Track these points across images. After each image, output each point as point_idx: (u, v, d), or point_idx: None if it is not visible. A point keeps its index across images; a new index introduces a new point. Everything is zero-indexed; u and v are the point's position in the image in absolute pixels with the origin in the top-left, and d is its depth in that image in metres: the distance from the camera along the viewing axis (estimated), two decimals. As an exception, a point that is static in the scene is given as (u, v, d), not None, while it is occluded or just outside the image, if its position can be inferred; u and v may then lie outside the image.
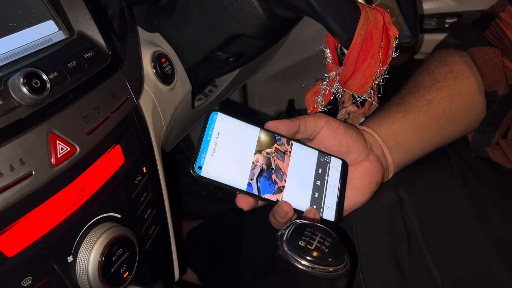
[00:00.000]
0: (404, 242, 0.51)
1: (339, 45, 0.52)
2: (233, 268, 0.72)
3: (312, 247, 0.37)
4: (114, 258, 0.43)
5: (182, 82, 0.62)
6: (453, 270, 0.49)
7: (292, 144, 0.49)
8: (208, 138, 0.45)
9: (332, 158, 0.51)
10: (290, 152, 0.49)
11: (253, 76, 1.14)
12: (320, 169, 0.50)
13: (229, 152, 0.46)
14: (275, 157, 0.48)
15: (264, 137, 0.48)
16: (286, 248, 0.37)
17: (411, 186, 0.55)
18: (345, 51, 0.50)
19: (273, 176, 0.47)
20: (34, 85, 0.35)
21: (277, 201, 0.46)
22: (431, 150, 0.57)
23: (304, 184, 0.48)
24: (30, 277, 0.37)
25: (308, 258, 0.37)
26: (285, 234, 0.38)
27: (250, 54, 0.67)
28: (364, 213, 0.52)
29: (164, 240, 0.55)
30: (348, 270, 0.37)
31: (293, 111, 1.25)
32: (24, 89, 0.35)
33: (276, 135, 0.49)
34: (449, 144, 0.60)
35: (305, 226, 0.39)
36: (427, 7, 0.98)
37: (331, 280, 0.37)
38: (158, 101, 0.56)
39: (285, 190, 0.47)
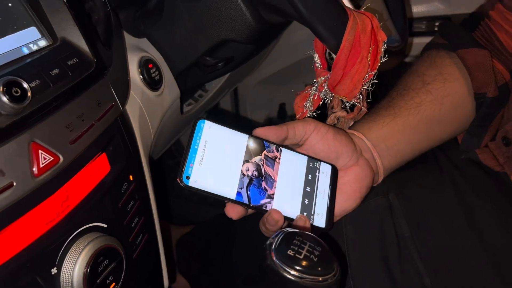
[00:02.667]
0: (395, 248, 0.50)
1: (328, 50, 0.51)
2: (225, 275, 0.71)
3: (301, 256, 0.36)
4: (99, 269, 0.42)
5: (170, 88, 0.62)
6: (444, 276, 0.49)
7: (281, 150, 0.48)
8: (196, 147, 0.44)
9: (322, 163, 0.50)
10: (279, 158, 0.48)
11: (244, 80, 1.13)
12: (310, 175, 0.49)
13: (218, 161, 0.45)
14: (264, 165, 0.47)
15: (252, 144, 0.47)
16: (274, 258, 0.36)
17: (401, 191, 0.55)
18: (334, 56, 0.49)
19: (263, 184, 0.46)
20: (14, 93, 0.34)
21: (267, 209, 0.46)
22: (421, 152, 0.57)
23: (294, 191, 0.48)
24: (13, 291, 0.36)
25: (297, 267, 0.36)
26: (274, 243, 0.37)
27: (239, 59, 0.67)
28: (354, 220, 0.51)
29: (153, 248, 0.54)
30: (337, 279, 0.37)
31: (284, 115, 1.24)
32: (4, 98, 0.34)
33: (264, 141, 0.48)
34: (439, 147, 0.60)
35: (294, 234, 0.38)
36: (416, 10, 0.98)
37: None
38: (145, 108, 0.56)
39: (275, 197, 0.46)
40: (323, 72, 0.52)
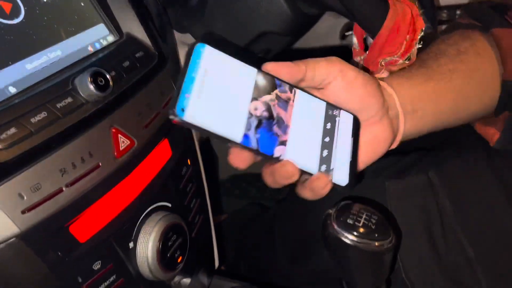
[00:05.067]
0: (438, 222, 0.53)
1: (366, 35, 0.55)
2: (265, 257, 0.75)
3: (360, 224, 0.40)
4: (169, 243, 0.46)
5: (213, 80, 0.65)
6: (486, 248, 0.52)
7: (295, 91, 0.39)
8: (193, 75, 0.34)
9: (342, 112, 0.41)
10: (293, 101, 0.38)
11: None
12: (328, 124, 0.40)
13: (220, 96, 0.35)
14: (276, 105, 0.37)
15: (262, 80, 0.37)
16: (335, 226, 0.40)
17: (440, 168, 0.57)
18: (371, 40, 0.53)
19: (275, 128, 0.37)
20: (99, 83, 0.38)
21: (280, 157, 0.37)
22: (440, 127, 0.52)
23: (311, 139, 0.39)
24: (100, 261, 0.40)
25: (356, 234, 0.39)
26: (333, 213, 0.41)
27: (276, 50, 0.70)
28: (397, 194, 0.54)
29: (207, 229, 0.58)
30: (394, 244, 0.40)
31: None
32: (92, 87, 0.38)
33: (276, 79, 0.38)
34: (470, 127, 0.61)
35: (352, 205, 0.41)
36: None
37: (378, 254, 0.40)
38: (194, 98, 0.59)
39: (288, 145, 0.37)
40: (360, 52, 0.55)
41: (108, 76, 0.39)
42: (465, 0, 0.98)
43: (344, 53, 0.52)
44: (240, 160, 0.36)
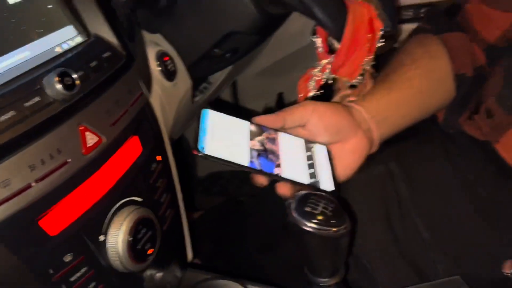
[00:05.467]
0: (396, 209, 0.57)
1: (329, 37, 0.57)
2: (238, 249, 0.77)
3: (317, 212, 0.42)
4: (139, 236, 0.48)
5: (183, 78, 0.67)
6: (441, 230, 0.55)
7: (277, 132, 0.53)
8: (204, 126, 0.49)
9: (317, 144, 0.54)
10: (278, 138, 0.53)
11: (242, 72, 1.19)
12: (308, 152, 0.53)
13: (227, 138, 0.49)
14: (267, 142, 0.51)
15: (254, 128, 0.52)
16: (295, 215, 0.42)
17: (400, 159, 0.61)
18: (334, 41, 0.55)
19: (270, 156, 0.50)
20: (66, 82, 0.40)
21: (279, 174, 0.49)
22: (411, 124, 0.62)
23: (298, 162, 0.52)
24: (71, 254, 0.42)
25: (314, 221, 0.42)
26: (293, 202, 0.43)
27: (244, 49, 0.73)
28: (358, 184, 0.57)
29: (178, 223, 0.60)
30: (348, 230, 0.43)
31: (282, 104, 1.30)
32: (59, 86, 0.39)
33: (263, 127, 0.52)
34: (431, 121, 0.66)
35: (310, 195, 0.44)
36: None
37: (335, 239, 0.42)
38: (164, 96, 0.61)
39: (282, 166, 0.50)
40: (325, 55, 0.58)
41: (74, 76, 0.41)
42: (427, -1, 1.02)
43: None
44: (260, 179, 0.50)
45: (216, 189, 1.34)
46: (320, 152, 0.54)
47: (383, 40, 0.57)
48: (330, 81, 0.60)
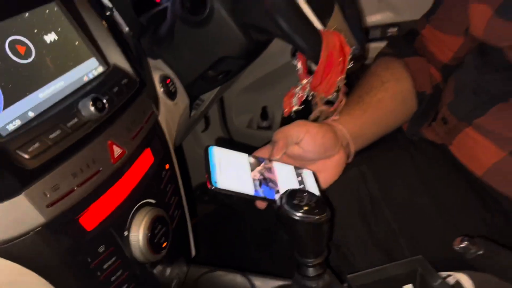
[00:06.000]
0: (369, 205, 0.67)
1: (308, 60, 0.68)
2: (236, 248, 0.86)
3: (303, 204, 0.52)
4: (155, 231, 0.57)
5: (182, 97, 0.77)
6: (407, 221, 0.66)
7: (272, 162, 0.61)
8: (213, 163, 0.55)
9: (304, 169, 0.63)
10: (273, 168, 0.61)
11: (228, 89, 1.29)
12: (299, 178, 0.62)
13: (232, 171, 0.56)
14: (265, 172, 0.59)
15: (252, 160, 0.60)
16: (286, 207, 0.52)
17: (370, 163, 0.71)
18: (312, 64, 0.66)
19: (270, 184, 0.58)
20: (98, 106, 0.50)
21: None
22: (381, 137, 0.73)
23: (292, 186, 0.59)
24: (103, 246, 0.51)
25: (301, 211, 0.52)
26: (284, 198, 0.53)
27: (235, 71, 0.83)
28: (336, 186, 0.67)
29: (183, 222, 0.69)
30: (328, 217, 0.53)
31: (266, 116, 1.41)
32: (92, 109, 0.49)
33: (259, 158, 0.61)
34: (397, 130, 0.77)
35: (297, 191, 0.54)
36: (372, 20, 1.17)
37: (318, 225, 0.52)
38: (168, 114, 0.71)
39: (281, 192, 0.57)
40: (305, 76, 0.68)
41: (104, 100, 0.50)
42: (390, 20, 1.15)
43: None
44: (262, 205, 0.60)
45: (208, 198, 1.43)
46: (308, 176, 0.63)
47: (353, 61, 0.68)
48: (310, 98, 0.71)
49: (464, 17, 0.70)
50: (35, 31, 0.51)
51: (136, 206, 0.56)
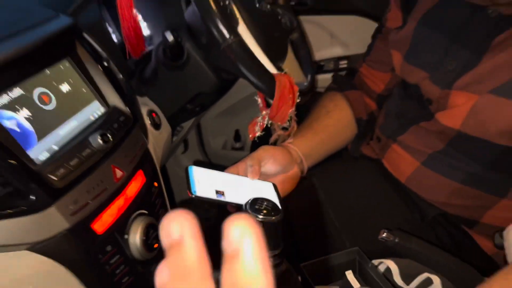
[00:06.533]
0: (317, 209, 0.84)
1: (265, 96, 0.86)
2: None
3: (263, 208, 0.69)
4: (148, 235, 0.72)
5: (165, 127, 0.94)
6: (346, 220, 0.83)
7: (242, 177, 0.76)
8: (192, 178, 0.69)
9: (266, 182, 0.77)
10: (243, 181, 0.76)
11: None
12: (263, 188, 0.76)
13: (209, 185, 0.69)
14: (236, 184, 0.73)
15: (225, 175, 0.75)
16: (249, 211, 0.69)
17: (320, 176, 0.89)
18: (269, 99, 0.84)
19: (239, 194, 0.72)
20: (104, 139, 0.66)
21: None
22: (329, 155, 0.92)
23: (258, 196, 0.74)
24: (110, 246, 0.66)
25: (262, 214, 0.69)
26: (247, 203, 0.70)
27: (209, 104, 1.00)
28: (292, 194, 0.84)
29: (169, 230, 0.85)
30: (282, 218, 0.70)
31: (239, 138, 1.58)
32: (101, 142, 0.65)
33: (231, 174, 0.76)
34: (343, 148, 0.96)
35: (257, 199, 0.71)
36: (326, 53, 1.37)
37: (275, 224, 0.69)
38: (154, 141, 0.87)
39: (245, 198, 0.71)
40: (264, 109, 0.86)
41: (109, 135, 0.66)
42: (341, 54, 1.35)
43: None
44: (231, 209, 0.72)
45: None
46: (269, 187, 0.77)
47: (301, 96, 0.86)
48: (269, 125, 0.88)
49: (390, 59, 0.89)
50: (54, 83, 0.67)
51: (133, 215, 0.72)
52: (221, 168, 0.79)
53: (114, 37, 1.00)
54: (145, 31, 1.14)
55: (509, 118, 0.64)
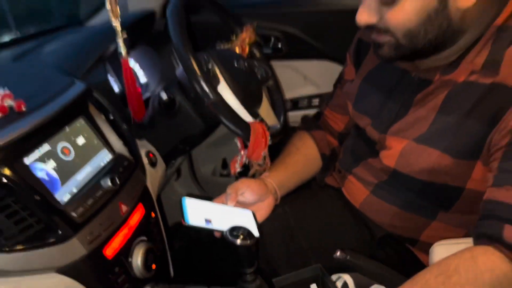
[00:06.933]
0: (289, 233, 1.01)
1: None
2: (206, 269, 1.19)
3: (239, 234, 0.86)
4: (148, 258, 0.89)
5: (161, 165, 1.11)
6: (312, 241, 1.00)
7: (226, 207, 0.92)
8: (185, 208, 0.83)
9: (246, 210, 0.93)
10: (226, 210, 0.91)
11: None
12: (242, 216, 0.92)
13: (199, 214, 0.84)
14: (221, 213, 0.87)
15: (212, 205, 0.91)
16: (230, 237, 0.86)
17: (291, 204, 1.06)
18: (247, 142, 1.02)
19: (223, 221, 0.86)
20: (113, 181, 0.83)
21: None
22: (299, 185, 1.09)
23: (239, 223, 0.90)
24: (118, 267, 0.83)
25: (239, 239, 0.86)
26: (228, 230, 0.87)
27: (198, 143, 1.18)
28: (267, 220, 1.01)
29: (165, 252, 1.02)
30: (256, 241, 0.87)
31: (226, 166, 1.76)
32: (110, 185, 0.82)
33: (217, 204, 0.92)
34: (311, 179, 1.13)
35: (235, 227, 0.88)
36: (300, 93, 1.55)
37: (250, 246, 0.86)
38: (151, 178, 1.04)
39: (229, 226, 0.87)
40: (243, 149, 1.04)
41: (116, 178, 0.84)
42: (313, 92, 1.53)
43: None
44: (218, 234, 0.86)
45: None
46: (248, 214, 0.93)
47: (273, 138, 1.04)
48: (247, 162, 1.06)
49: (347, 104, 1.08)
50: (72, 138, 0.84)
51: (136, 242, 0.89)
52: (210, 198, 0.97)
53: (116, 87, 1.19)
54: (142, 79, 1.33)
55: (427, 160, 0.81)
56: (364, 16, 0.76)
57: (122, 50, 0.94)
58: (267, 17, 1.44)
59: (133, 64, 1.30)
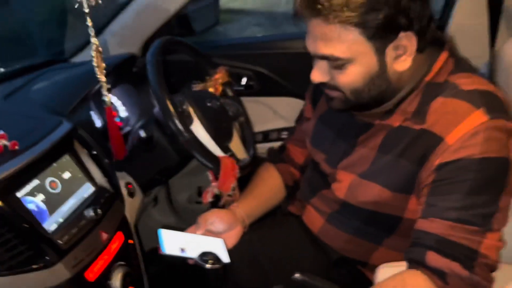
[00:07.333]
0: (256, 259, 1.12)
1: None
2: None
3: (209, 259, 0.97)
4: (125, 281, 0.98)
5: (139, 194, 1.21)
6: (275, 266, 1.11)
7: (198, 236, 1.03)
8: (162, 239, 0.95)
9: (216, 238, 1.04)
10: (197, 239, 1.02)
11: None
12: (212, 244, 1.01)
13: (174, 243, 0.96)
14: (194, 242, 0.99)
15: (184, 235, 1.01)
16: (200, 262, 0.97)
17: (258, 231, 1.17)
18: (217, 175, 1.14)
19: (195, 249, 0.97)
20: (96, 212, 0.93)
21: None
22: (265, 213, 1.21)
23: (208, 248, 1.02)
24: (98, 290, 0.92)
25: (207, 263, 0.96)
26: (199, 258, 0.97)
27: (173, 174, 1.29)
28: (236, 247, 1.11)
29: (140, 275, 1.11)
30: (222, 266, 0.97)
31: (201, 194, 1.86)
32: (93, 214, 0.92)
33: (189, 233, 1.03)
34: (276, 208, 1.25)
35: (205, 253, 0.98)
36: (270, 126, 1.68)
37: (217, 270, 0.97)
38: (130, 207, 1.14)
39: (201, 254, 0.97)
40: (214, 181, 1.15)
41: (98, 209, 0.94)
42: (282, 125, 1.66)
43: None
44: (192, 262, 0.96)
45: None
46: (218, 242, 1.03)
47: (242, 170, 1.16)
48: (218, 193, 1.18)
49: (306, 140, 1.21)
50: (59, 173, 0.95)
51: (115, 266, 0.98)
52: (183, 228, 1.07)
53: (98, 122, 1.29)
54: (123, 113, 1.44)
55: (370, 193, 0.94)
56: (317, 76, 0.90)
57: (107, 99, 1.06)
58: (240, 58, 1.58)
59: (115, 100, 1.41)
